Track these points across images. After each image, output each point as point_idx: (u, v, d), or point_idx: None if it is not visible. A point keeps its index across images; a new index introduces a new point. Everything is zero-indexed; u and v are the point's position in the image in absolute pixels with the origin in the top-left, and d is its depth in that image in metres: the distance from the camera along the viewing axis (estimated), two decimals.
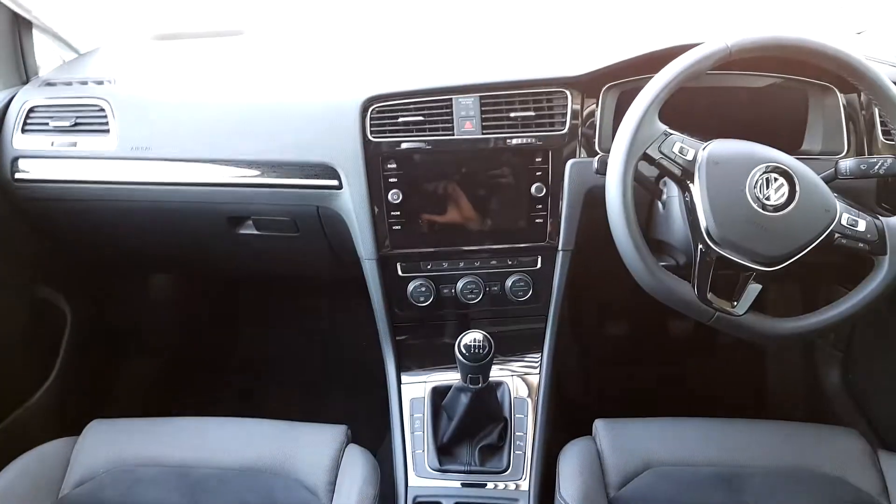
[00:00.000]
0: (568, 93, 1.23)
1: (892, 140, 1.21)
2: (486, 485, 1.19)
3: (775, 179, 0.98)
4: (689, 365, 1.98)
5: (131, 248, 1.59)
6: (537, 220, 1.27)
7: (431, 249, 1.29)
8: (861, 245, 0.99)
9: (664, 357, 2.03)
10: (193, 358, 2.09)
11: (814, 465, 1.06)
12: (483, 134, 1.22)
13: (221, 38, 1.64)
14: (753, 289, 1.00)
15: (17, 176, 1.35)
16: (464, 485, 1.19)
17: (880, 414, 1.51)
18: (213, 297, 2.17)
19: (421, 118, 1.22)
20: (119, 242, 1.56)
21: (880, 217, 1.01)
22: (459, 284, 1.31)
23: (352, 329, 1.78)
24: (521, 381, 1.31)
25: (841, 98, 1.23)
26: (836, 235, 0.98)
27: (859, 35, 1.51)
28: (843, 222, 0.98)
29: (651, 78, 1.02)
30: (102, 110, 1.32)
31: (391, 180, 1.24)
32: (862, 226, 0.99)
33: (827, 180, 1.03)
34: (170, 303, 2.06)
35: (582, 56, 1.26)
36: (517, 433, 1.23)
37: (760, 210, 0.97)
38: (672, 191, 1.10)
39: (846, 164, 1.06)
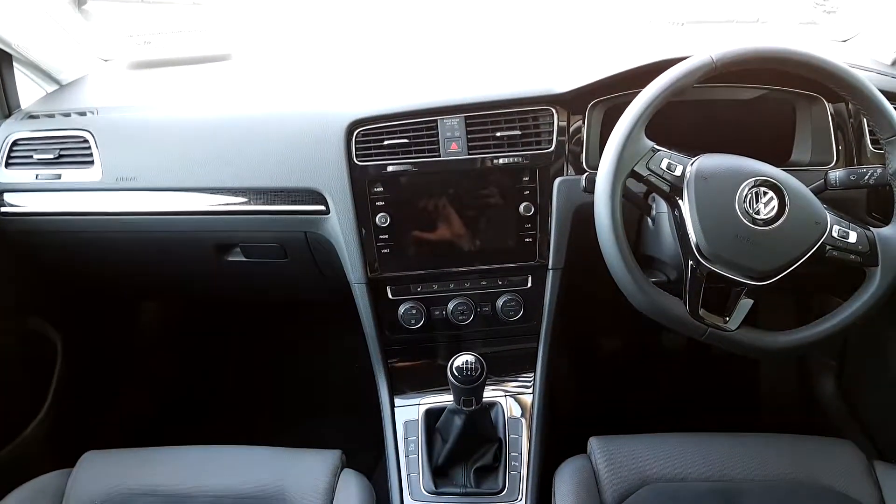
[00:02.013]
0: (554, 110, 1.22)
1: (881, 149, 1.20)
2: None
3: (764, 193, 0.97)
4: (683, 378, 1.98)
5: (120, 277, 1.59)
6: (527, 240, 1.26)
7: (421, 272, 1.29)
8: (853, 257, 0.98)
9: (657, 371, 2.02)
10: (186, 385, 2.08)
11: (810, 478, 1.06)
12: (469, 154, 1.22)
13: (208, 64, 1.63)
14: (745, 304, 0.99)
15: (3, 209, 1.35)
16: None
17: (875, 424, 1.50)
18: (204, 323, 2.16)
19: (406, 140, 1.21)
20: (108, 272, 1.55)
21: (871, 228, 1.00)
22: (450, 306, 1.30)
23: (344, 352, 1.77)
24: (514, 401, 1.30)
25: (829, 108, 1.22)
26: (828, 248, 0.97)
27: (845, 43, 1.51)
28: (834, 234, 0.98)
29: (637, 93, 1.01)
30: (86, 141, 1.32)
31: (378, 203, 1.23)
32: (853, 237, 0.98)
33: (817, 192, 1.03)
34: (161, 330, 2.05)
35: (567, 72, 1.26)
36: (512, 453, 1.22)
37: (750, 224, 0.96)
38: (661, 206, 1.10)
39: (836, 174, 1.06)
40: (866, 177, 1.04)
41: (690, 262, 0.98)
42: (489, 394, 1.27)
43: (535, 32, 1.83)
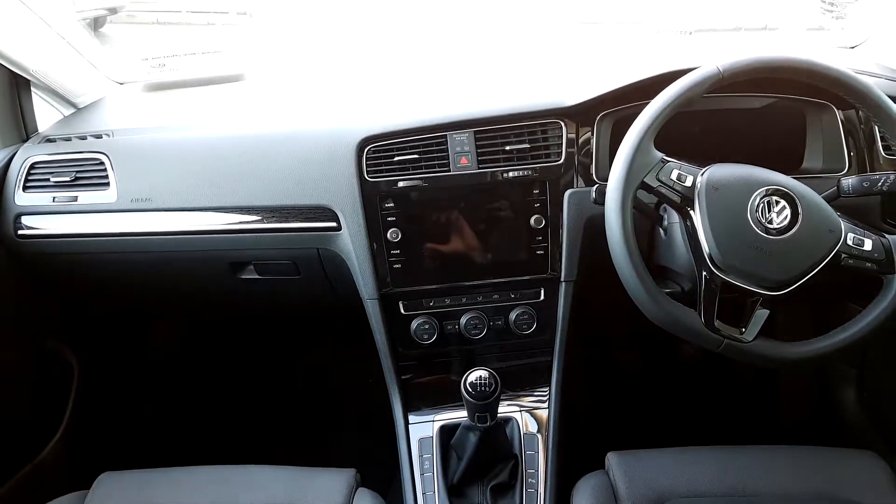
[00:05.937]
0: (562, 123, 1.23)
1: (893, 155, 1.19)
2: None
3: (777, 202, 0.97)
4: (701, 390, 1.95)
5: (136, 297, 1.60)
6: (538, 252, 1.26)
7: (433, 286, 1.29)
8: (868, 265, 0.97)
9: (675, 384, 2.00)
10: (201, 404, 2.08)
11: (833, 491, 1.04)
12: (479, 169, 1.22)
13: (222, 85, 1.64)
14: (761, 314, 0.98)
15: (21, 232, 1.36)
16: None
17: None
18: (218, 341, 2.16)
19: (416, 156, 1.22)
20: (124, 292, 1.56)
21: (886, 235, 0.99)
22: (463, 320, 1.30)
23: (358, 368, 1.77)
24: (530, 416, 1.29)
25: (839, 114, 1.22)
26: (843, 256, 0.96)
27: (853, 49, 1.50)
28: (849, 242, 0.97)
29: (645, 105, 1.01)
30: (102, 164, 1.33)
31: (389, 219, 1.24)
32: (868, 245, 0.97)
33: (830, 199, 1.02)
34: (176, 350, 2.06)
35: (575, 85, 1.27)
36: (528, 470, 1.21)
37: (763, 234, 0.96)
38: (673, 217, 1.09)
39: (848, 181, 1.05)
40: (879, 183, 1.03)
41: (704, 273, 0.98)
42: (504, 409, 1.26)
43: (543, 45, 1.83)
